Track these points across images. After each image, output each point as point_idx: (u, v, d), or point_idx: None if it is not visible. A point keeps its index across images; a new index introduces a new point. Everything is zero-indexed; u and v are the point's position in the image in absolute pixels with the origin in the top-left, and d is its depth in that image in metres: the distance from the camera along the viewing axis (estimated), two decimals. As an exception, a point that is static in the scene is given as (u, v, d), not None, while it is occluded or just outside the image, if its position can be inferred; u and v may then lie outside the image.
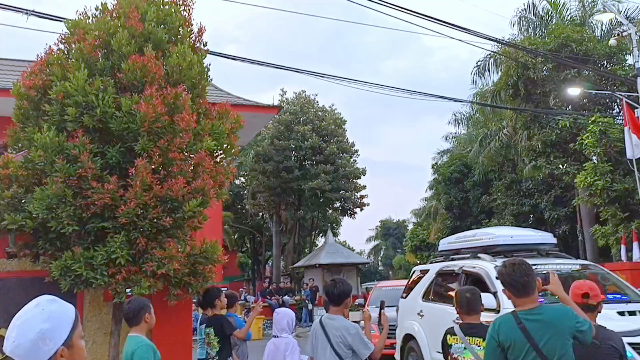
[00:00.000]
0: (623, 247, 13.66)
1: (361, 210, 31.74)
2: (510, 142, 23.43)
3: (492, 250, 7.45)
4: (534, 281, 3.07)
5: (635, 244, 12.60)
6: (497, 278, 3.12)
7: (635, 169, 11.26)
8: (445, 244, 9.03)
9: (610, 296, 6.50)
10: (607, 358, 3.41)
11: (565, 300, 3.21)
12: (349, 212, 32.11)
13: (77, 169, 5.44)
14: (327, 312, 4.54)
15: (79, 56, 5.82)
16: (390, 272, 57.73)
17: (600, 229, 15.83)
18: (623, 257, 13.34)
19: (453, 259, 8.28)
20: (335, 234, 38.12)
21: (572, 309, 3.15)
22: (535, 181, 22.59)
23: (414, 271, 9.59)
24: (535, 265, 6.66)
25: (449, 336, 4.44)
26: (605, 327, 3.61)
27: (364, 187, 31.43)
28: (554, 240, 8.47)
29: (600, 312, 3.70)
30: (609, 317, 3.44)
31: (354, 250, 42.41)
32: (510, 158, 24.80)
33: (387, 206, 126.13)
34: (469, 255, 7.78)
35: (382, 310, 4.67)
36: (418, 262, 41.03)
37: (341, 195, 30.57)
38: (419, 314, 8.35)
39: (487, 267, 6.85)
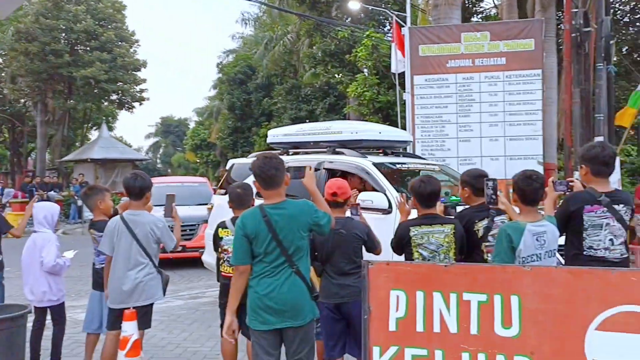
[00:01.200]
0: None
1: (140, 104, 30.33)
2: (293, 48, 24.11)
3: (354, 146, 6.68)
4: (282, 176, 3.30)
5: (390, 151, 14.27)
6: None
7: (397, 83, 12.50)
8: (279, 135, 7.72)
9: None
10: (351, 243, 4.06)
11: (314, 194, 3.54)
12: (127, 105, 30.40)
13: None
14: (84, 203, 4.38)
15: None
16: (169, 170, 57.08)
17: (363, 136, 17.52)
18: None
19: (296, 154, 7.18)
20: (110, 128, 35.90)
21: (318, 202, 3.49)
22: (313, 88, 23.84)
23: (233, 165, 8.18)
24: (404, 164, 6.60)
25: (220, 229, 4.65)
26: (352, 219, 4.19)
27: (145, 80, 29.89)
28: (412, 138, 8.29)
29: (349, 207, 4.26)
30: None
31: (131, 147, 40.69)
32: (292, 64, 25.63)
33: (169, 103, 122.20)
34: (324, 150, 6.76)
35: (173, 204, 4.68)
36: (198, 161, 41.15)
37: (119, 87, 28.61)
38: None
39: (366, 164, 6.01)
